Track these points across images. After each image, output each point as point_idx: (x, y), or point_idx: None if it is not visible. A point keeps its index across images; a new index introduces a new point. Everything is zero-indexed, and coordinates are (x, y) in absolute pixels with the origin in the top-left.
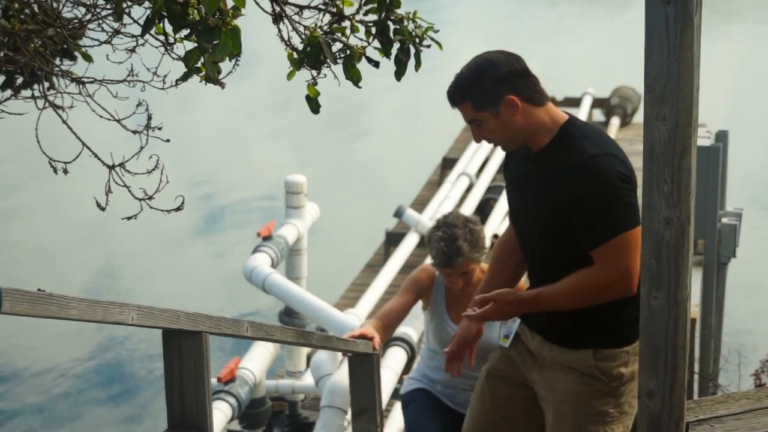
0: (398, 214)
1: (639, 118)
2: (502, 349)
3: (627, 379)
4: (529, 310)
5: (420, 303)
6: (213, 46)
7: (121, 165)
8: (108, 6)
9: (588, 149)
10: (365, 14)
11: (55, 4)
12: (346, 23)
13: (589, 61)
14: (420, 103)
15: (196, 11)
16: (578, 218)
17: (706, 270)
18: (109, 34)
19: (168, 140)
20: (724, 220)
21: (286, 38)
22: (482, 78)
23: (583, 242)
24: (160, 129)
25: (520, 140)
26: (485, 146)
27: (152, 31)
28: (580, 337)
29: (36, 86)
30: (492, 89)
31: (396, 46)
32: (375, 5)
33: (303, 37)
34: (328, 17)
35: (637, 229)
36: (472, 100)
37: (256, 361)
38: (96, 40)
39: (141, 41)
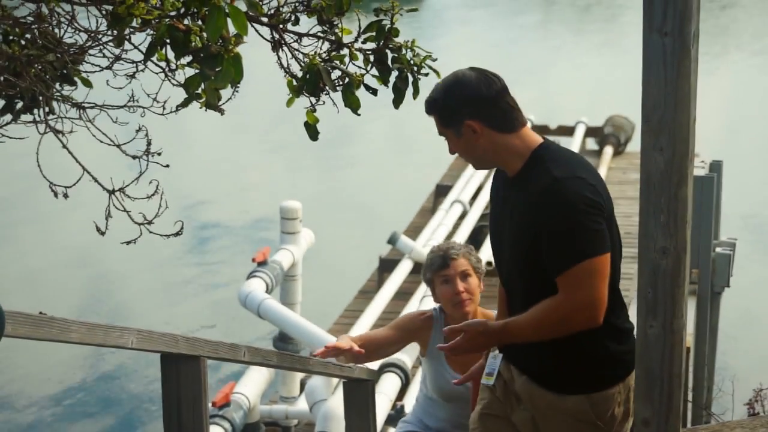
0: (392, 240)
1: (632, 147)
2: (486, 386)
3: (621, 419)
4: (500, 342)
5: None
6: (215, 73)
7: (121, 190)
8: (109, 32)
9: (554, 172)
10: (364, 42)
11: (56, 30)
12: (345, 51)
13: (583, 90)
14: (414, 130)
15: (198, 38)
16: (544, 244)
17: (700, 299)
18: (110, 60)
19: (167, 165)
20: (718, 249)
21: (285, 65)
22: (447, 97)
23: (548, 269)
24: (159, 154)
25: (488, 162)
26: (479, 174)
27: (153, 58)
28: (569, 378)
29: (36, 111)
30: (454, 110)
31: (394, 74)
32: (374, 33)
33: (302, 64)
34: (327, 45)
35: (604, 257)
36: (438, 115)
37: (251, 386)
38: (97, 65)
39: (141, 67)
